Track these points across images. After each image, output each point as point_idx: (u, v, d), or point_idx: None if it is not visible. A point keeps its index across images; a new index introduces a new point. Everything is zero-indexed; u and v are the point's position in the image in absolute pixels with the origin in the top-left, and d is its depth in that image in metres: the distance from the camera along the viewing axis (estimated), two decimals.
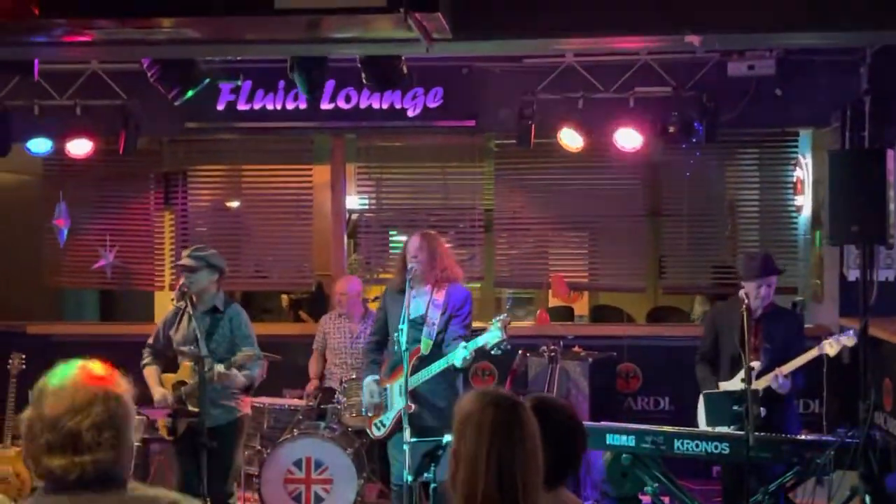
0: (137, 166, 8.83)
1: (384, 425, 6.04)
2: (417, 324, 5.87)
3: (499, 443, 2.54)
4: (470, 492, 2.54)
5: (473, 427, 2.58)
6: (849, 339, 5.72)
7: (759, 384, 5.74)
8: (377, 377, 6.14)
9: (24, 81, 7.51)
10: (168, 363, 6.38)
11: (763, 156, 8.62)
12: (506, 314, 5.79)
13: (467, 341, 5.74)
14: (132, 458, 2.53)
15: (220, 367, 5.86)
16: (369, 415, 6.20)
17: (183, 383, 6.10)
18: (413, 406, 5.63)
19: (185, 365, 6.12)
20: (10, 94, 7.96)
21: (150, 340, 6.38)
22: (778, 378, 5.75)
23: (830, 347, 5.76)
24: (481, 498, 2.52)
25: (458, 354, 5.66)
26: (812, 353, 5.78)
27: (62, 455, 2.37)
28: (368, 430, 6.32)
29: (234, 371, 5.94)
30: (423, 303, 5.92)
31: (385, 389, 6.05)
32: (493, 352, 5.75)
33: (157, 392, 6.21)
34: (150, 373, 6.29)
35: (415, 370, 5.80)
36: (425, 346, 5.85)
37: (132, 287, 9.21)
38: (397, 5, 4.51)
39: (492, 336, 5.63)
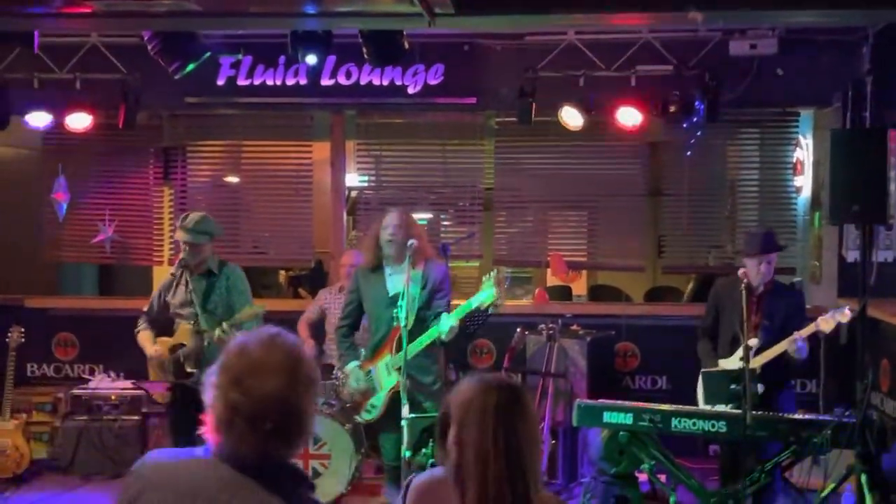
0: (137, 141, 8.80)
1: (375, 407, 5.93)
2: (397, 301, 5.80)
3: (504, 428, 2.49)
4: (481, 479, 2.48)
5: (477, 413, 2.52)
6: (843, 315, 5.73)
7: (757, 361, 5.75)
8: (359, 362, 6.06)
9: (24, 54, 7.49)
10: (161, 329, 6.39)
11: (764, 136, 8.61)
12: (497, 270, 5.69)
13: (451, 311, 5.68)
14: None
15: (218, 332, 5.89)
16: (355, 400, 6.11)
17: (180, 346, 6.12)
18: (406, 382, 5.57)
19: (184, 328, 6.13)
20: (9, 68, 7.94)
21: (146, 308, 6.39)
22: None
23: (826, 323, 5.76)
24: (493, 484, 2.46)
25: (444, 324, 5.57)
26: (809, 329, 5.79)
27: (286, 439, 2.19)
28: (357, 416, 6.22)
29: (234, 332, 5.96)
30: (400, 280, 5.80)
31: (370, 372, 5.96)
32: (489, 311, 5.63)
33: (151, 349, 6.23)
34: (145, 336, 6.31)
35: (399, 347, 5.69)
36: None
37: (131, 262, 9.20)
38: None
39: (486, 295, 5.52)
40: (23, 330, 7.62)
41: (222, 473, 2.17)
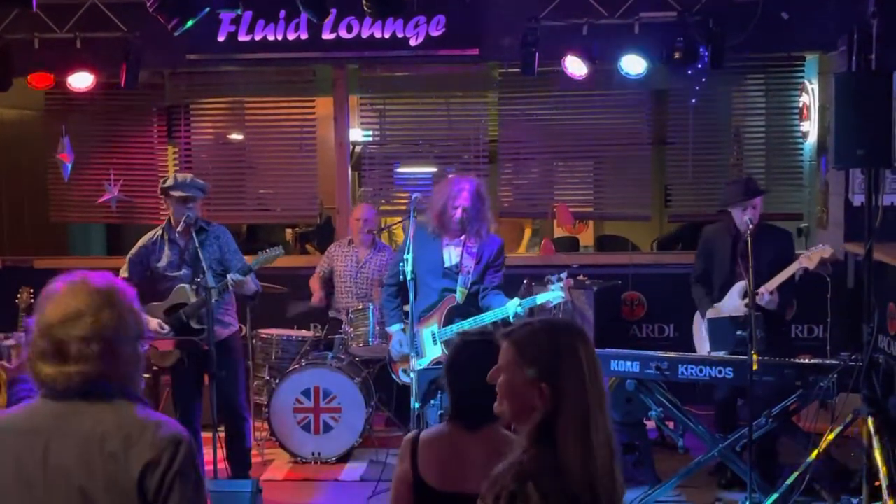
0: (139, 100, 8.79)
1: (416, 372, 5.82)
2: (452, 272, 5.84)
3: None
4: None
5: None
6: (825, 251, 5.84)
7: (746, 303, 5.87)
8: (402, 325, 6.10)
9: (23, 15, 7.43)
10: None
11: (769, 81, 8.54)
12: (565, 274, 5.90)
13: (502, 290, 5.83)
14: (131, 373, 2.49)
15: (229, 279, 5.97)
16: (395, 361, 6.19)
17: (179, 307, 6.15)
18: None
19: (181, 288, 6.18)
20: (9, 28, 7.89)
21: (125, 274, 6.38)
22: (764, 295, 5.89)
23: (808, 260, 5.89)
24: None
25: (510, 310, 5.66)
26: (792, 268, 5.92)
27: (52, 364, 2.39)
28: (395, 377, 6.25)
29: (247, 278, 6.08)
30: (455, 252, 5.86)
31: (415, 335, 5.92)
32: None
33: (151, 322, 6.25)
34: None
35: (449, 319, 5.81)
36: (460, 295, 5.82)
37: (137, 221, 9.19)
38: None
39: (553, 296, 5.76)
40: (32, 291, 7.66)
41: (51, 407, 2.42)
